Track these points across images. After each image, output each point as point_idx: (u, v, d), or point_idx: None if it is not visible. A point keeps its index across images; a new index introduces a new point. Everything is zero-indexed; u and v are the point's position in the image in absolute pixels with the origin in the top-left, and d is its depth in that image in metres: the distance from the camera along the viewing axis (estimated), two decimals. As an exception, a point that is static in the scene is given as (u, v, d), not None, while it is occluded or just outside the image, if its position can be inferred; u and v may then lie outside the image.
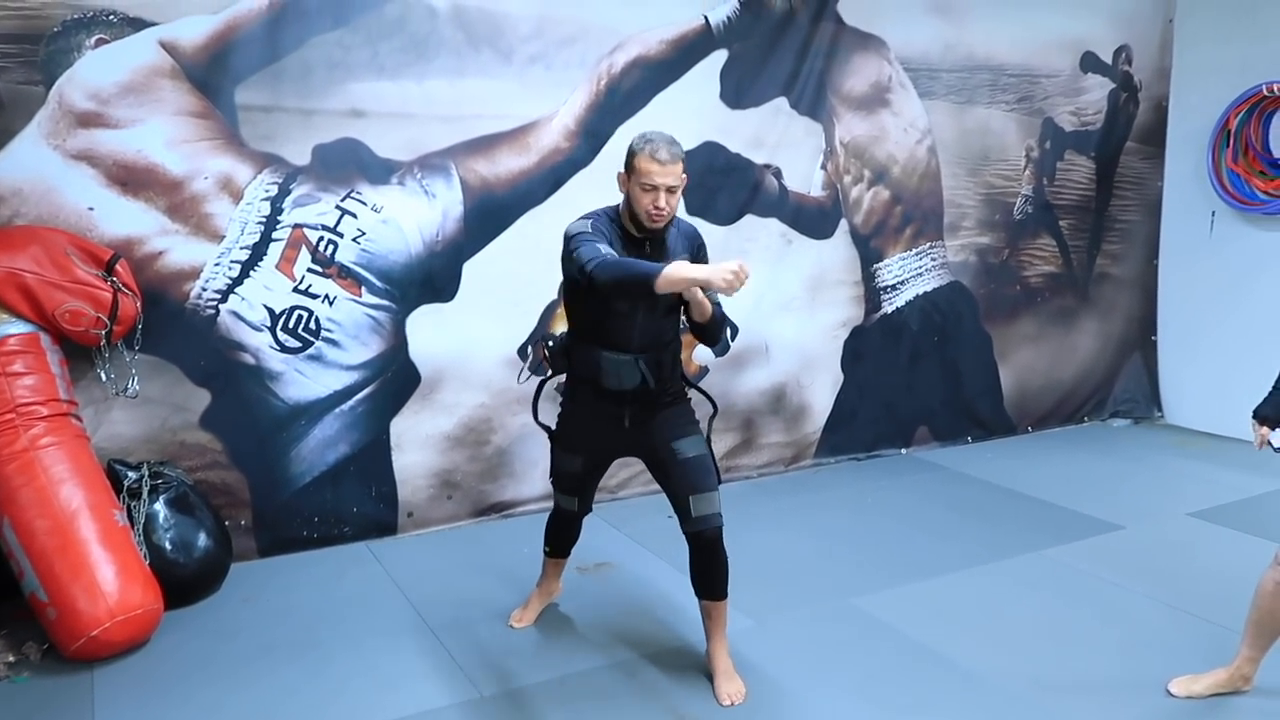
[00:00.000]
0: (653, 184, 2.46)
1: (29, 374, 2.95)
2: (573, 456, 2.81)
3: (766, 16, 4.33)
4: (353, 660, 2.87)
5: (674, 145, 2.49)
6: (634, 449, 2.77)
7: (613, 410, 2.66)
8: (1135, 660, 2.85)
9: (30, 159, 3.16)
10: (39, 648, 2.88)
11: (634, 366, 2.58)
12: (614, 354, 2.59)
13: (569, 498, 2.90)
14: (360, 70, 3.59)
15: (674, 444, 2.65)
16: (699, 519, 2.62)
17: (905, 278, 4.92)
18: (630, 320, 2.57)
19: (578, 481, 2.87)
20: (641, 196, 2.49)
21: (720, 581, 2.69)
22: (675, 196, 2.51)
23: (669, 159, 2.46)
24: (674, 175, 2.48)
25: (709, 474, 2.66)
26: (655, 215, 2.49)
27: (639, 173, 2.48)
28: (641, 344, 2.59)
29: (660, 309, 2.60)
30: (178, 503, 3.24)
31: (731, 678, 2.68)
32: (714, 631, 2.73)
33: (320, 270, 3.61)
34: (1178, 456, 5.03)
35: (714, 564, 2.66)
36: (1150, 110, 5.55)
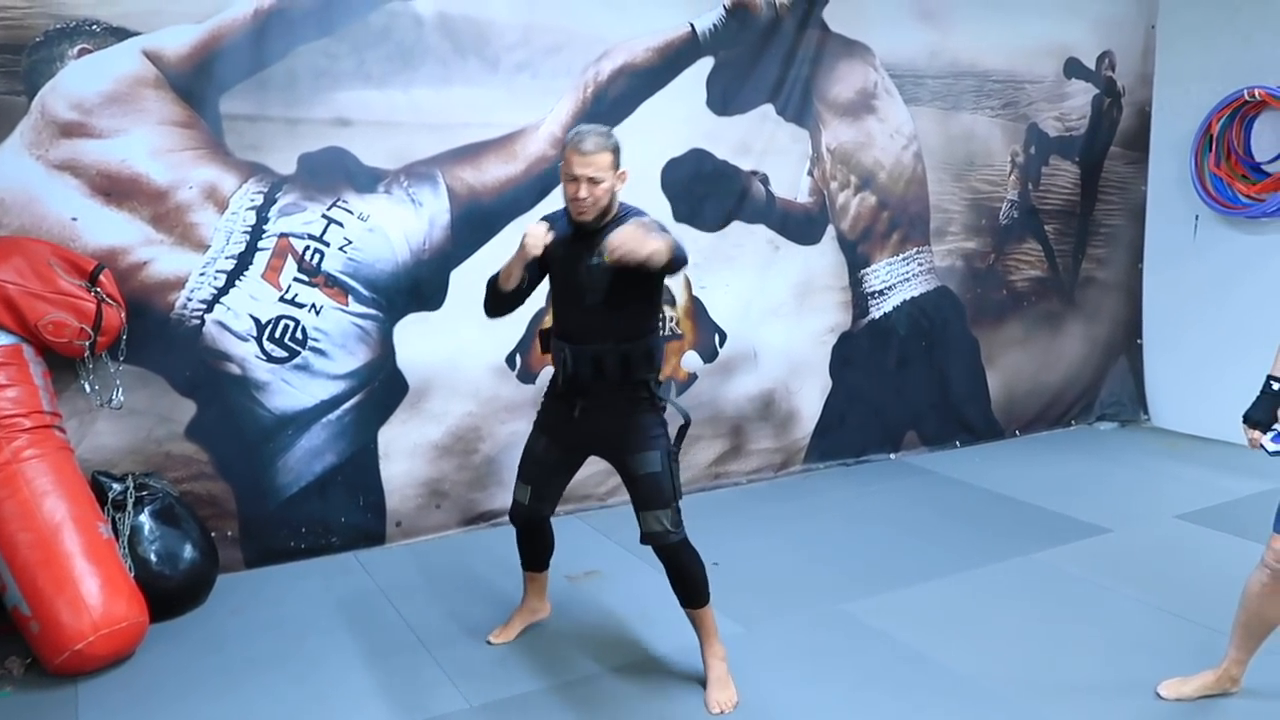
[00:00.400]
0: (573, 174, 2.50)
1: (11, 386, 2.92)
2: (539, 435, 2.82)
3: (752, 24, 4.34)
4: (340, 671, 2.85)
5: (604, 138, 2.52)
6: (590, 446, 2.78)
7: (568, 398, 2.70)
8: (1124, 663, 2.86)
9: (13, 169, 3.14)
10: (22, 662, 2.85)
11: (577, 356, 2.62)
12: (559, 341, 2.68)
13: (523, 486, 2.84)
14: (346, 79, 3.58)
15: (628, 458, 2.67)
16: (646, 535, 2.67)
17: (892, 283, 4.94)
18: (568, 311, 2.66)
19: (537, 467, 2.82)
20: (566, 186, 2.54)
21: (691, 590, 2.70)
22: (599, 188, 2.51)
23: (592, 149, 2.48)
24: (595, 167, 2.48)
25: (660, 492, 2.64)
26: (577, 206, 2.53)
27: (565, 164, 2.53)
28: (581, 336, 2.63)
29: (588, 302, 2.59)
30: (163, 514, 3.22)
31: (723, 686, 2.67)
32: (701, 639, 2.75)
33: (307, 279, 3.60)
34: (1164, 459, 5.05)
35: (679, 574, 2.70)
36: (1133, 115, 5.59)
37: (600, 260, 2.47)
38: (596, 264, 2.52)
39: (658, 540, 2.66)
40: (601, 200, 2.53)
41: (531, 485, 2.83)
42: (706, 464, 4.55)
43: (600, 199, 2.52)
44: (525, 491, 2.84)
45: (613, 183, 2.55)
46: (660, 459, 2.65)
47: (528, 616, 3.08)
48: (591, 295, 2.58)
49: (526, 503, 2.84)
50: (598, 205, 2.53)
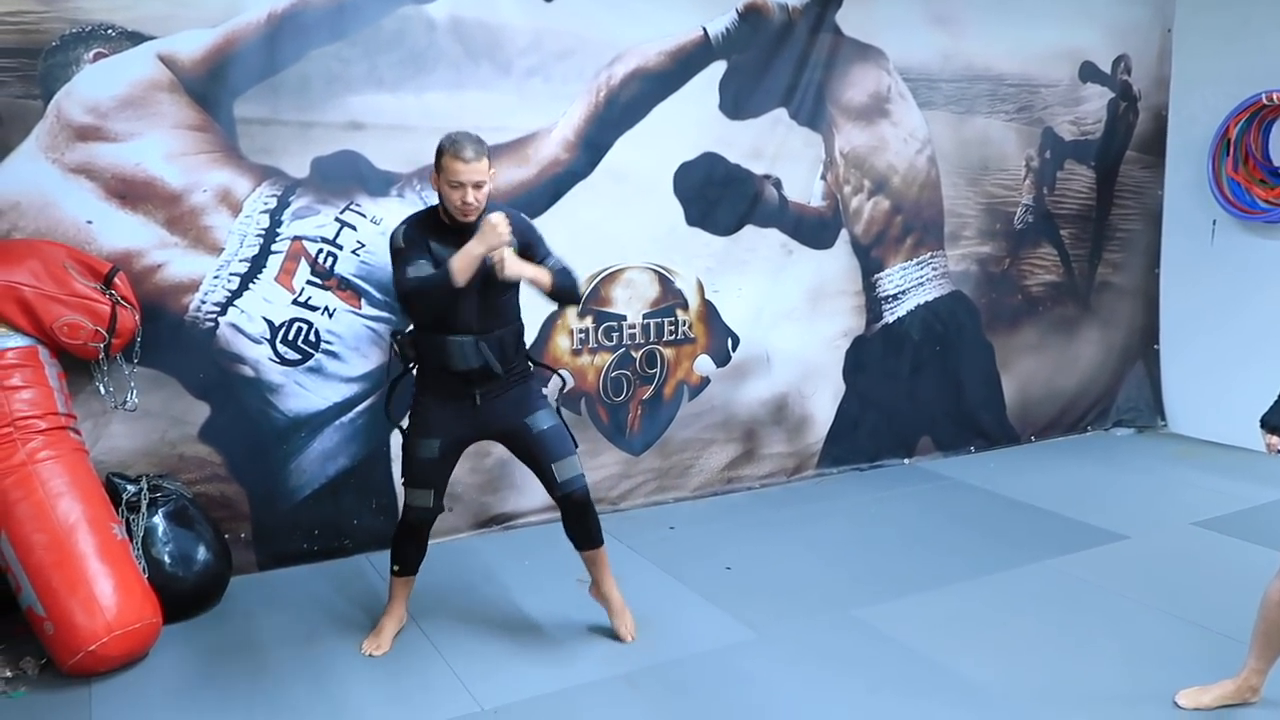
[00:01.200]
0: (459, 181, 2.65)
1: (27, 387, 2.94)
2: (430, 441, 2.87)
3: (765, 28, 4.34)
4: (353, 674, 2.85)
5: (479, 144, 2.68)
6: (487, 429, 2.92)
7: (462, 390, 2.82)
8: (1141, 672, 2.83)
9: (28, 173, 3.16)
10: (36, 662, 2.86)
11: (475, 347, 2.76)
12: (458, 337, 2.76)
13: (424, 491, 2.91)
14: (359, 83, 3.59)
15: (527, 419, 2.87)
16: (565, 483, 2.87)
17: (906, 287, 4.92)
18: (468, 304, 2.74)
19: (433, 470, 2.90)
20: (451, 193, 2.68)
21: (595, 532, 2.96)
22: (483, 192, 2.69)
23: (473, 156, 2.64)
24: (479, 172, 2.66)
25: (565, 441, 2.89)
26: (465, 210, 2.69)
27: (446, 171, 2.66)
28: (482, 326, 2.77)
29: (494, 292, 2.76)
30: (177, 516, 3.23)
31: (625, 611, 3.02)
32: (600, 575, 3.01)
33: (319, 282, 3.61)
34: (1181, 465, 5.01)
35: (586, 519, 2.93)
36: (1150, 119, 5.55)
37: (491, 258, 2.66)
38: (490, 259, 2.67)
39: (575, 484, 2.88)
40: (483, 202, 2.72)
41: (432, 489, 2.93)
42: (719, 468, 4.53)
43: (483, 201, 2.71)
44: (426, 496, 2.92)
45: (489, 185, 2.73)
46: (551, 414, 2.92)
47: (399, 623, 3.08)
48: (494, 287, 2.74)
49: (431, 505, 2.94)
50: (481, 207, 2.71)
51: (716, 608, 3.27)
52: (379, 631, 3.03)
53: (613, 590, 3.03)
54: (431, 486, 2.92)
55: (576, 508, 2.91)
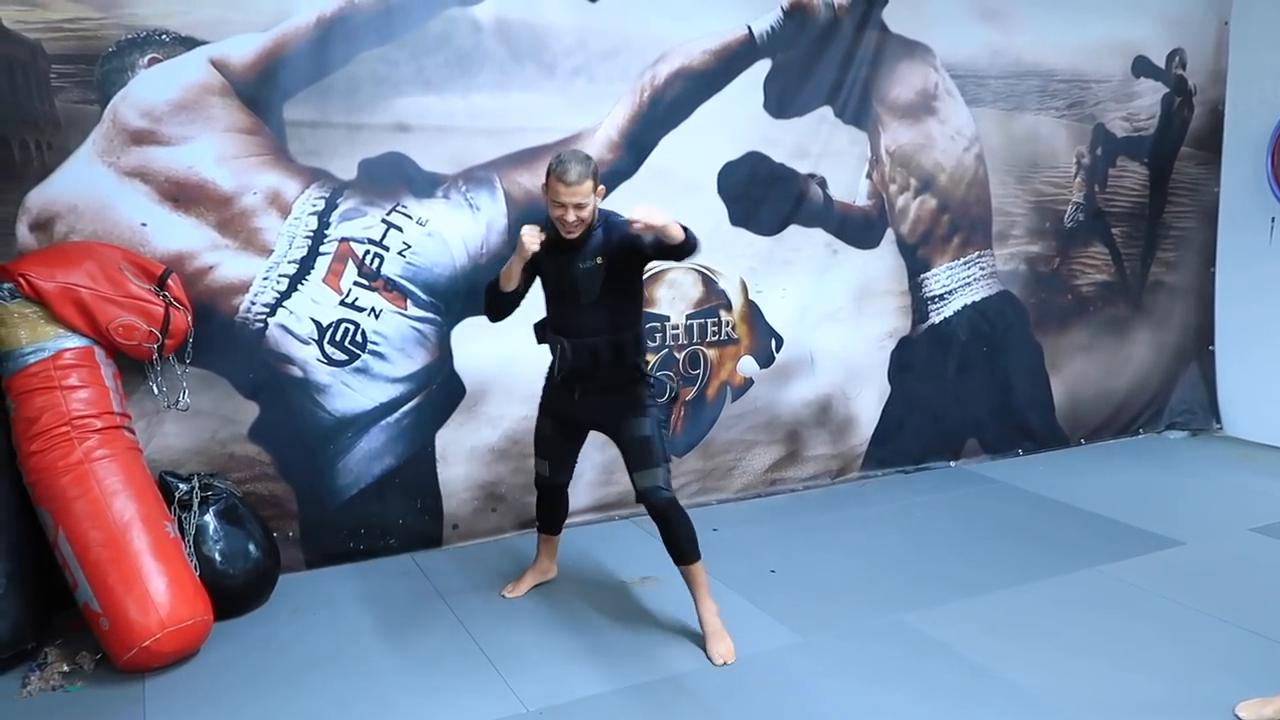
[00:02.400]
0: (560, 202, 2.77)
1: (84, 387, 3.00)
2: (544, 418, 3.19)
3: (810, 25, 4.30)
4: (400, 674, 2.88)
5: (583, 165, 2.77)
6: (590, 423, 3.12)
7: (567, 384, 3.02)
8: (1198, 681, 2.76)
9: (85, 176, 3.22)
10: (92, 658, 2.92)
11: (576, 348, 2.93)
12: (566, 338, 2.96)
13: (541, 460, 3.23)
14: (406, 85, 3.62)
15: (622, 424, 2.99)
16: (643, 491, 2.97)
17: (953, 287, 4.85)
18: (563, 311, 2.98)
19: (546, 444, 3.20)
20: (553, 211, 2.82)
21: (682, 546, 2.97)
22: (585, 211, 2.80)
23: (575, 179, 2.74)
24: (580, 194, 2.76)
25: (651, 453, 2.97)
26: (567, 229, 2.82)
27: (550, 191, 2.80)
28: (590, 330, 2.92)
29: (585, 301, 2.91)
30: (227, 514, 3.28)
31: (721, 638, 2.93)
32: (694, 594, 3.00)
33: (366, 284, 3.64)
34: (1238, 470, 4.88)
35: (669, 530, 2.96)
36: (1205, 115, 5.42)
37: (591, 264, 2.86)
38: (587, 267, 2.87)
39: (652, 496, 2.95)
40: (586, 220, 2.83)
41: (549, 460, 3.22)
42: (762, 470, 4.50)
43: (585, 220, 2.82)
44: (544, 465, 3.23)
45: (594, 203, 2.83)
46: (651, 425, 2.99)
47: (539, 575, 3.44)
48: (587, 295, 2.90)
49: (547, 474, 3.24)
50: (583, 225, 2.83)
51: (761, 611, 3.25)
52: (520, 578, 3.43)
53: (709, 614, 2.99)
54: (547, 458, 3.21)
55: (656, 514, 2.98)
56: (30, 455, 2.90)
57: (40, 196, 3.18)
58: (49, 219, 3.20)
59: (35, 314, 2.97)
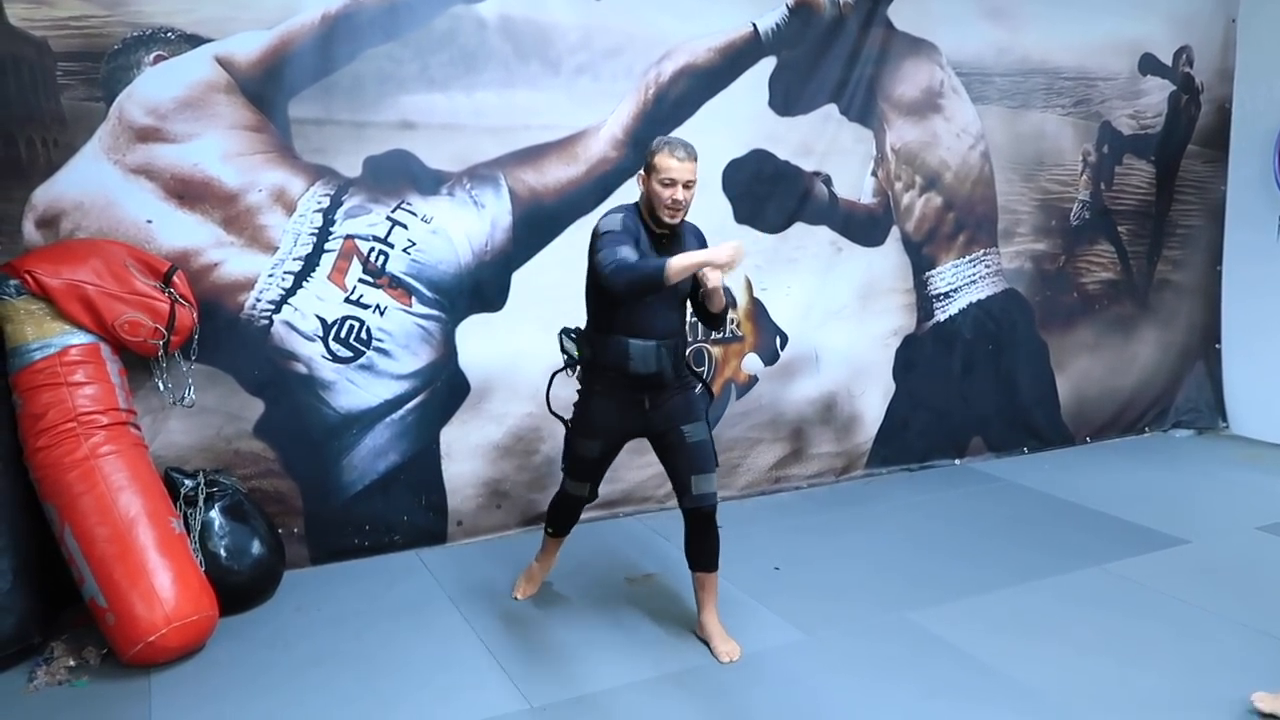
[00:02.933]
0: (672, 179, 2.71)
1: (90, 384, 3.01)
2: (592, 442, 2.98)
3: (816, 23, 4.29)
4: (404, 670, 2.88)
5: (690, 146, 2.76)
6: (647, 431, 2.97)
7: (635, 395, 2.89)
8: (1204, 679, 2.75)
9: (91, 173, 3.23)
10: (98, 652, 2.93)
11: (657, 352, 2.82)
12: (640, 341, 2.82)
13: (581, 484, 3.08)
14: (411, 83, 3.62)
15: (683, 427, 2.90)
16: (699, 496, 2.88)
17: (958, 285, 4.84)
18: (654, 310, 2.82)
19: (593, 467, 3.05)
20: (661, 191, 2.73)
21: (714, 554, 2.95)
22: (691, 191, 2.75)
23: (686, 156, 2.72)
24: (690, 171, 2.73)
25: (710, 458, 2.92)
26: (674, 208, 2.74)
27: (659, 169, 2.73)
28: (663, 332, 2.84)
29: (675, 300, 2.85)
30: (232, 511, 3.28)
31: (727, 639, 2.92)
32: (707, 601, 2.97)
33: (371, 281, 3.64)
34: (1244, 468, 4.87)
35: (709, 538, 2.92)
36: (1212, 112, 5.40)
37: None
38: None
39: (708, 502, 2.88)
40: (690, 203, 2.77)
41: (590, 482, 3.09)
42: (767, 467, 4.50)
43: (689, 202, 2.77)
44: (584, 488, 3.10)
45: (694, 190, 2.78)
46: (706, 428, 2.94)
47: (545, 571, 3.37)
48: (680, 293, 2.82)
49: (585, 496, 3.12)
50: (688, 208, 2.78)
51: (766, 608, 3.24)
52: (529, 576, 3.34)
53: (713, 619, 2.98)
54: (589, 480, 3.08)
55: (702, 520, 2.90)
56: (36, 451, 2.91)
57: (46, 193, 3.19)
58: (55, 216, 3.21)
59: (41, 310, 2.97)
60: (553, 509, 3.23)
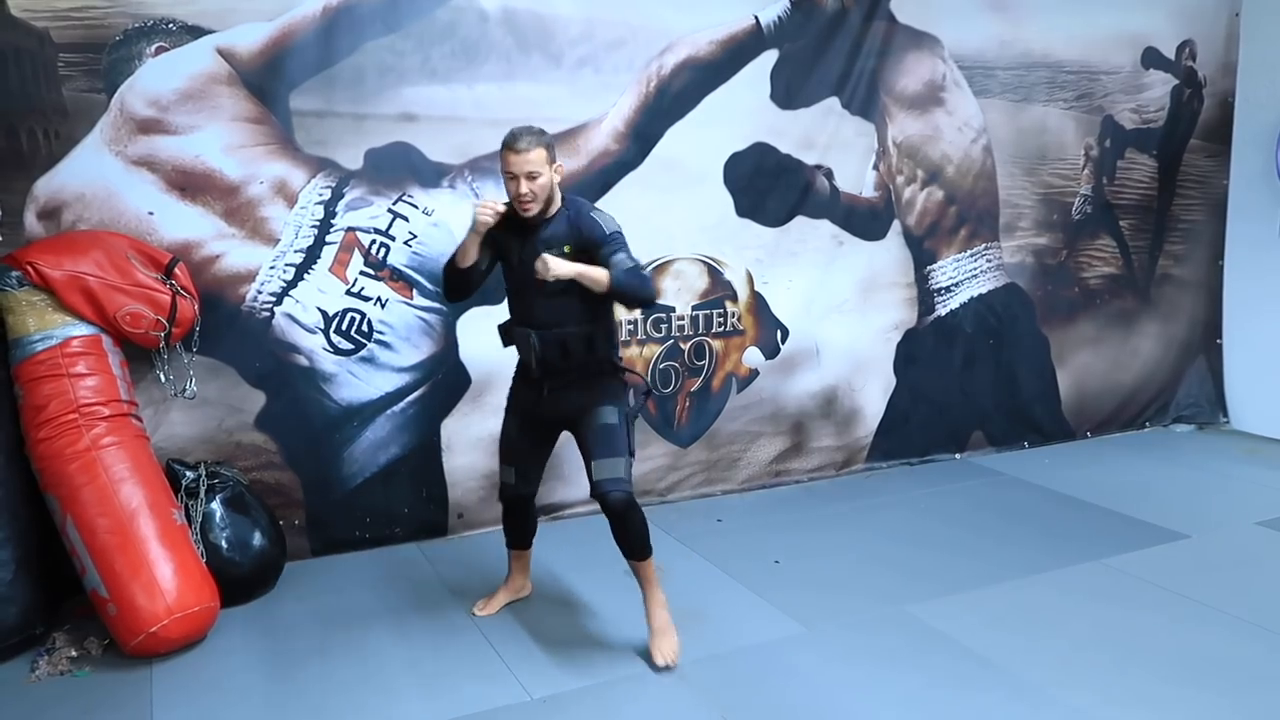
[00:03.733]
0: (511, 172, 2.68)
1: (91, 375, 3.01)
2: (511, 418, 3.01)
3: (818, 16, 4.28)
4: (404, 661, 2.89)
5: (534, 134, 2.69)
6: (558, 420, 2.93)
7: (534, 380, 2.88)
8: (1201, 674, 2.75)
9: (93, 165, 3.23)
10: (100, 643, 2.94)
11: (528, 338, 2.81)
12: (522, 328, 2.85)
13: (507, 468, 3.02)
14: (412, 75, 3.62)
15: (587, 415, 2.83)
16: (599, 482, 2.78)
17: (959, 279, 4.84)
18: (524, 300, 2.84)
19: (513, 447, 3.00)
20: (507, 185, 2.72)
21: (633, 542, 2.84)
22: (538, 183, 2.68)
23: (526, 147, 2.65)
24: (531, 163, 2.65)
25: (614, 441, 2.80)
26: (520, 200, 2.70)
27: (502, 162, 2.70)
28: (543, 321, 2.80)
29: (546, 292, 2.74)
30: (233, 502, 3.29)
31: (667, 635, 2.83)
32: (644, 587, 2.89)
33: (372, 273, 3.64)
34: (1244, 463, 4.87)
35: (624, 526, 2.81)
36: (1215, 107, 5.39)
37: (558, 251, 2.72)
38: (557, 254, 2.70)
39: (609, 488, 2.77)
40: (541, 195, 2.71)
41: (515, 466, 3.01)
42: (767, 461, 4.51)
43: (540, 194, 2.70)
44: (510, 473, 3.02)
45: (550, 177, 2.72)
46: (617, 414, 2.83)
47: (513, 593, 3.24)
48: (552, 284, 2.70)
49: (513, 483, 3.02)
50: (539, 199, 2.71)
51: (766, 601, 3.25)
52: (492, 595, 3.22)
53: (657, 607, 2.87)
54: (513, 464, 3.01)
55: (611, 509, 2.79)
56: (38, 442, 2.92)
57: (48, 185, 3.19)
58: (56, 207, 3.21)
59: (43, 302, 2.98)
60: (502, 516, 3.17)
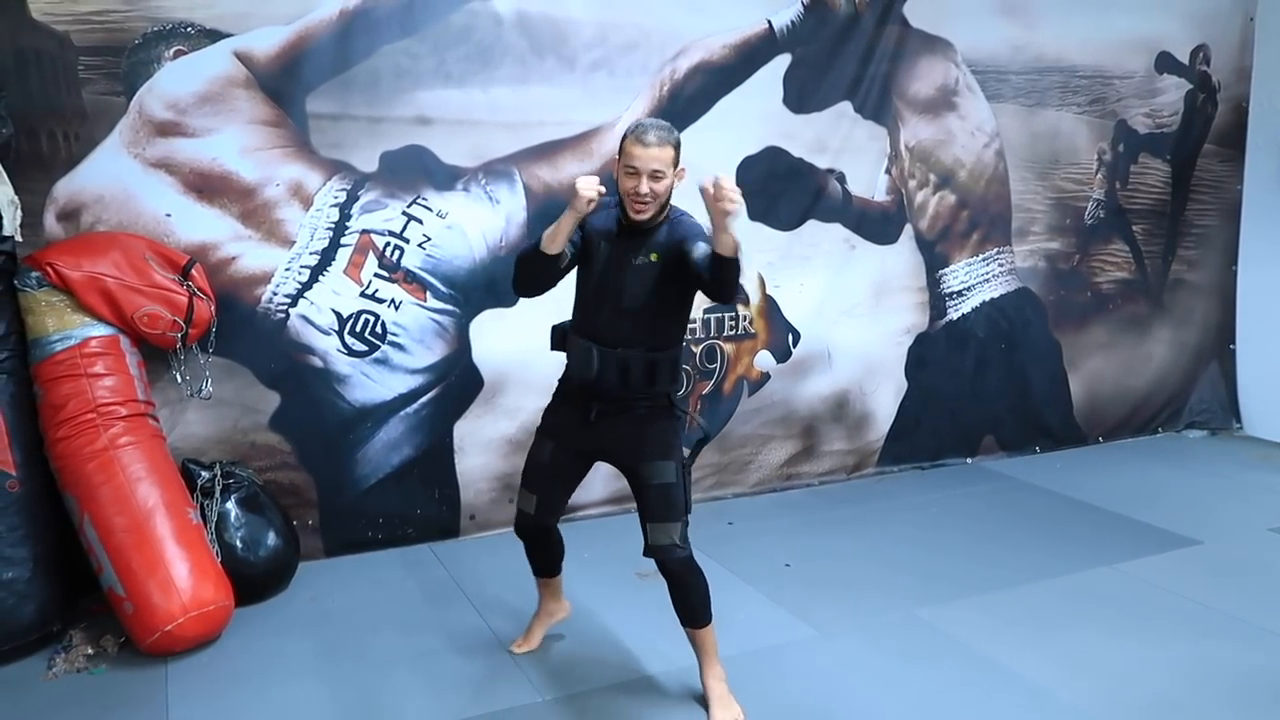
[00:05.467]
0: (634, 167, 2.36)
1: (109, 375, 3.04)
2: (544, 441, 2.68)
3: (831, 20, 4.29)
4: (417, 661, 2.90)
5: (664, 130, 2.39)
6: (601, 452, 2.63)
7: (581, 401, 2.57)
8: (1213, 681, 2.75)
9: (112, 167, 3.26)
10: (116, 641, 2.97)
11: (595, 355, 2.49)
12: (584, 341, 2.53)
13: (528, 494, 2.70)
14: (427, 78, 3.64)
15: (641, 466, 2.54)
16: (655, 548, 2.54)
17: (971, 284, 4.83)
18: (598, 311, 2.52)
19: (541, 474, 2.68)
20: (624, 180, 2.40)
21: (691, 609, 2.59)
22: (661, 185, 2.38)
23: (655, 142, 2.35)
24: (659, 160, 2.35)
25: (671, 505, 2.52)
26: (636, 201, 2.39)
27: (624, 155, 2.39)
28: (613, 338, 2.49)
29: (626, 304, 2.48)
30: (248, 502, 3.32)
31: (727, 705, 2.59)
32: (699, 658, 2.64)
33: (387, 275, 3.66)
34: (1257, 469, 4.85)
35: (679, 592, 2.58)
36: (1229, 111, 5.37)
37: (644, 259, 2.44)
38: (640, 263, 2.45)
39: (664, 554, 2.53)
40: (661, 198, 2.41)
41: (538, 495, 2.69)
42: (778, 464, 4.51)
43: (660, 196, 2.41)
44: (531, 501, 2.70)
45: (672, 180, 2.42)
46: (675, 470, 2.54)
47: (546, 621, 2.99)
48: (631, 297, 2.47)
49: (532, 513, 2.71)
50: (657, 202, 2.41)
51: (777, 605, 3.26)
52: (528, 632, 2.98)
53: (714, 680, 2.61)
54: (536, 492, 2.69)
55: (668, 574, 2.57)
56: (56, 441, 2.95)
57: (67, 187, 3.22)
58: (76, 209, 3.24)
59: (62, 302, 3.01)
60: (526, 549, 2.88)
